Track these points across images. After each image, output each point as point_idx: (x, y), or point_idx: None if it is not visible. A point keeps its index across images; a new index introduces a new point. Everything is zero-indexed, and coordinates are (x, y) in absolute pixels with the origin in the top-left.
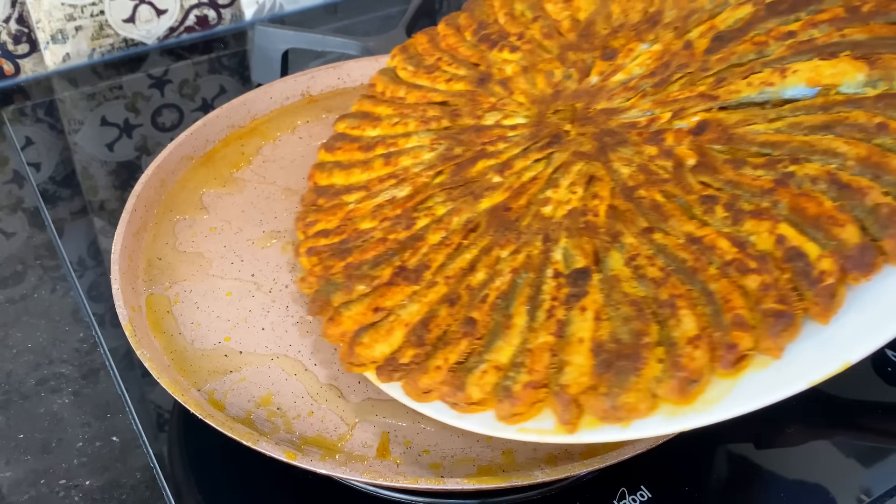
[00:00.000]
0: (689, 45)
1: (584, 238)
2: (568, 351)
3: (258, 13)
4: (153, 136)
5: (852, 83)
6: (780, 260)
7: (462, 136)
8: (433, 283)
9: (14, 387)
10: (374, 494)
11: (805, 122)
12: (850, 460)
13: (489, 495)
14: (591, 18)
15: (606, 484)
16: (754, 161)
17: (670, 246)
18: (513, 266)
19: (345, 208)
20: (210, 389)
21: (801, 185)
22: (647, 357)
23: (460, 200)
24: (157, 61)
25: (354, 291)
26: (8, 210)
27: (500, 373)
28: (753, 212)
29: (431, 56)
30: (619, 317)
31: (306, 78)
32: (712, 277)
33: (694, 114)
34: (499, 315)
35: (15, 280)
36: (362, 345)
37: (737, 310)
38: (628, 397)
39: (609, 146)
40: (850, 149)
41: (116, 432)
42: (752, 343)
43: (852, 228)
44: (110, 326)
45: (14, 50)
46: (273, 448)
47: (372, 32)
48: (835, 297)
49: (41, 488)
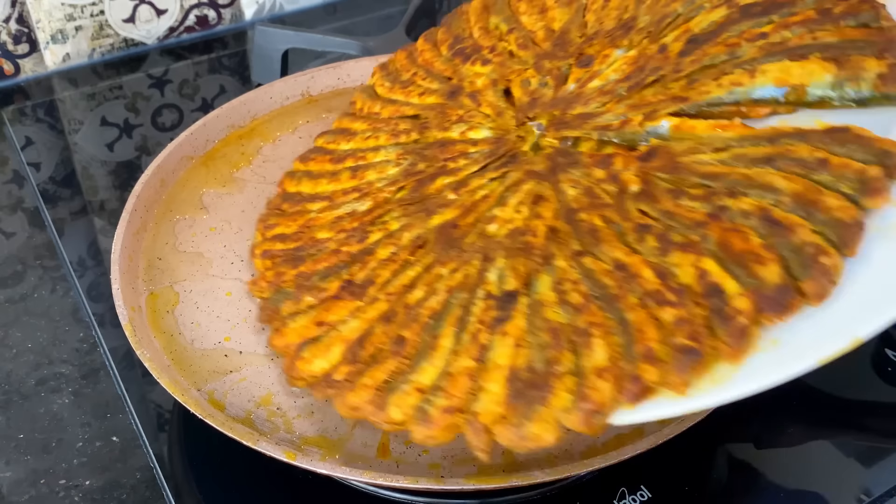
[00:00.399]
0: (663, 49)
1: (519, 259)
2: (485, 377)
3: (258, 13)
4: (153, 136)
5: (821, 83)
6: (699, 295)
7: (427, 151)
8: (375, 299)
9: (14, 387)
10: (374, 494)
11: (749, 153)
12: (850, 460)
13: (489, 495)
14: (565, 27)
15: (606, 484)
16: (693, 192)
17: (597, 271)
18: (449, 285)
19: (306, 216)
20: (210, 389)
21: (733, 219)
22: (556, 387)
23: (414, 216)
24: (157, 61)
25: (302, 302)
26: (8, 210)
27: (421, 395)
28: (682, 244)
29: (408, 72)
30: (536, 344)
31: (306, 78)
32: (631, 307)
33: (664, 115)
34: (428, 335)
35: (15, 280)
36: (303, 359)
37: (649, 342)
38: (534, 427)
39: (560, 166)
40: (786, 184)
41: (116, 432)
42: (657, 377)
43: (774, 268)
44: (110, 326)
45: (14, 50)
46: (273, 448)
47: (372, 32)
48: (745, 338)
49: (41, 488)
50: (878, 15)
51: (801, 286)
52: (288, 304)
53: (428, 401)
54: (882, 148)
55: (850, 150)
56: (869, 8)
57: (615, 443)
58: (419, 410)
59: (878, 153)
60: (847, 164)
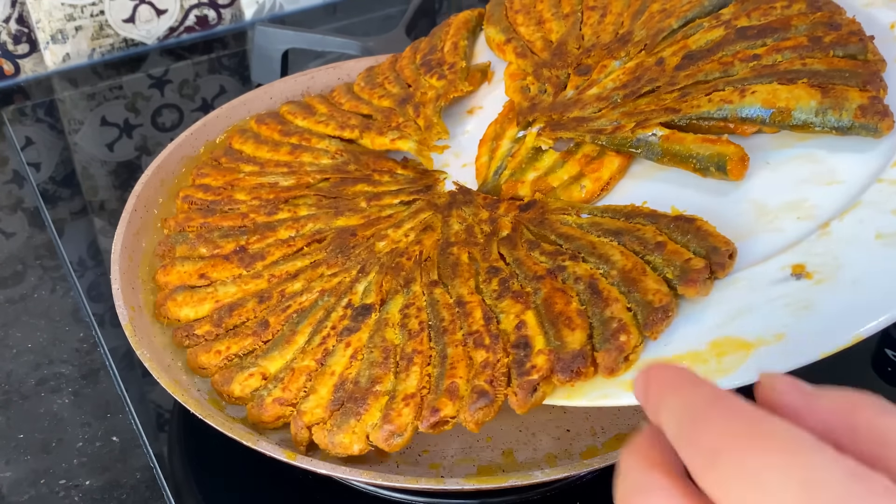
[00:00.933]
0: (661, 62)
1: (387, 277)
2: (319, 381)
3: (258, 13)
4: (153, 136)
5: (805, 108)
6: (511, 343)
7: (362, 156)
8: (259, 274)
9: (14, 387)
10: (374, 494)
11: (605, 224)
12: None
13: (489, 495)
14: (563, 39)
15: (606, 484)
16: (546, 247)
17: (441, 303)
18: (324, 287)
19: (235, 174)
20: (210, 389)
21: (565, 280)
22: (372, 404)
23: (323, 210)
24: (157, 61)
25: (196, 251)
26: (8, 210)
27: (264, 381)
28: (516, 292)
29: (383, 75)
30: (368, 360)
31: (306, 78)
32: (455, 342)
33: (655, 124)
34: (288, 328)
35: (15, 280)
36: (175, 301)
37: (456, 378)
38: (344, 437)
39: (457, 203)
40: (620, 259)
41: (116, 432)
42: (454, 412)
43: (580, 335)
44: (110, 326)
45: (14, 50)
46: (273, 448)
47: (372, 32)
48: (535, 394)
49: (41, 488)
50: (866, 48)
51: (596, 356)
52: (183, 248)
53: (267, 388)
54: (714, 244)
55: (688, 239)
56: (857, 40)
57: (615, 443)
58: (257, 394)
59: (709, 248)
60: (678, 252)
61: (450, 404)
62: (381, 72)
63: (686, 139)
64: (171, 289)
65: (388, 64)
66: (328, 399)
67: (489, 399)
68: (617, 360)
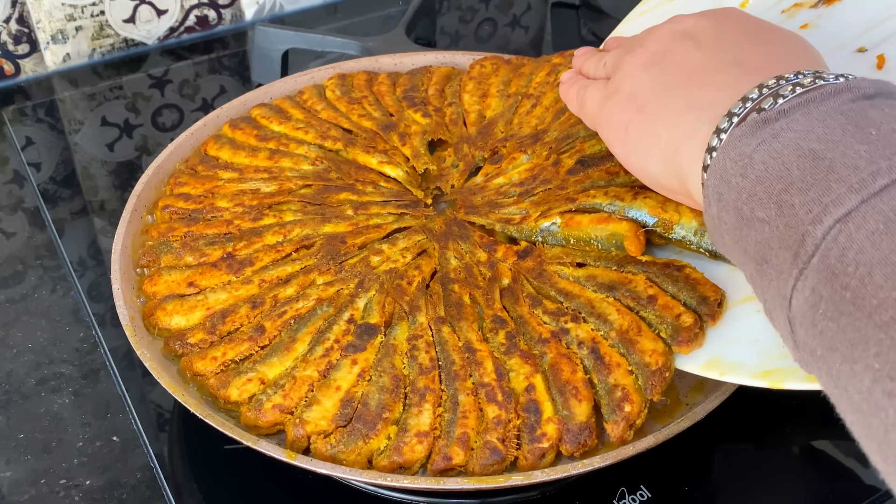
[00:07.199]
0: (557, 164)
1: (389, 298)
2: (323, 392)
3: (258, 13)
4: (153, 136)
5: (687, 226)
6: (521, 406)
7: (343, 165)
8: (249, 280)
9: (14, 387)
10: (374, 494)
11: (599, 276)
12: (850, 460)
13: (489, 495)
14: (494, 119)
15: (606, 484)
16: (548, 305)
17: (450, 343)
18: (320, 295)
19: (214, 182)
20: None
21: (569, 344)
22: (381, 431)
23: (309, 216)
24: (157, 61)
25: (182, 260)
26: (8, 210)
27: (262, 387)
28: (524, 353)
29: (361, 92)
30: (378, 383)
31: (306, 78)
32: (466, 389)
33: (556, 213)
34: (287, 334)
35: (15, 280)
36: (164, 311)
37: (468, 428)
38: (348, 456)
39: (452, 236)
40: (617, 318)
41: (116, 432)
42: (463, 461)
43: (586, 406)
44: (110, 326)
45: (14, 50)
46: (273, 448)
47: (372, 32)
48: (543, 459)
49: (41, 488)
50: None
51: (605, 427)
52: (168, 257)
53: (266, 394)
54: (703, 294)
55: (678, 288)
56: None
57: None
58: (255, 399)
59: (699, 298)
60: (669, 307)
61: (461, 454)
62: (358, 87)
63: (582, 222)
64: (160, 298)
65: (363, 81)
66: (334, 413)
67: (500, 457)
68: (625, 429)
